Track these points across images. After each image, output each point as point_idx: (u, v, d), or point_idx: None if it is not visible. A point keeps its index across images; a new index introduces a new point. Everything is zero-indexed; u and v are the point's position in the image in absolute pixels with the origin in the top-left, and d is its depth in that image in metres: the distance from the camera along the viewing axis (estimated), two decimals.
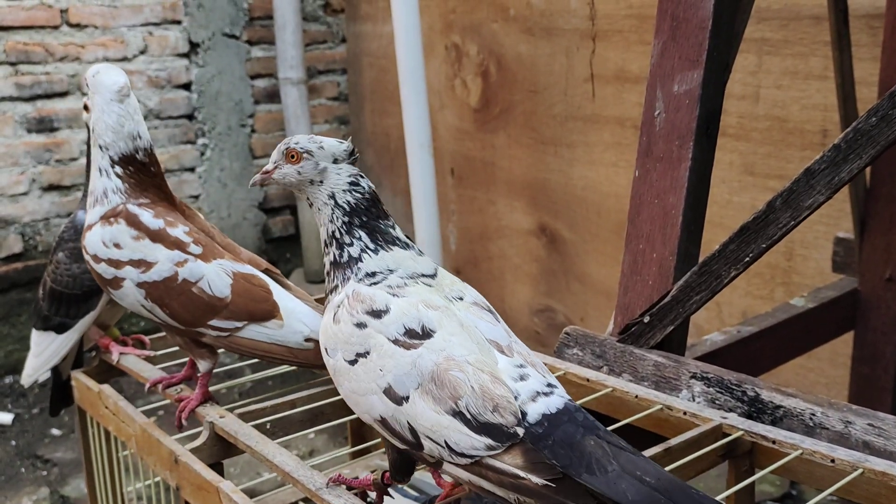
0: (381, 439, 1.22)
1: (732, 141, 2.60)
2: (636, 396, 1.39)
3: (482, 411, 0.98)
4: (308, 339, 1.43)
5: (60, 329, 1.74)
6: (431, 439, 1.00)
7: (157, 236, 1.46)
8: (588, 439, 0.95)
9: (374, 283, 1.10)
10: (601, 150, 3.06)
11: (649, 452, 1.17)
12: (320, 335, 1.14)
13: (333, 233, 1.14)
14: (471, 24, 3.54)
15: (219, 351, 1.53)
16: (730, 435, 1.24)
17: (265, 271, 1.52)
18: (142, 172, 1.51)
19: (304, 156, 1.15)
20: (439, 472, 1.08)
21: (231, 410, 1.46)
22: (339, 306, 1.10)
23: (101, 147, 1.50)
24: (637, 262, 1.59)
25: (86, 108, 1.56)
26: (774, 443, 1.22)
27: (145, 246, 1.45)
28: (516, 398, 0.99)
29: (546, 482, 0.93)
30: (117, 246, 1.46)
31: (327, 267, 1.15)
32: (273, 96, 4.24)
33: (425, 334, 1.04)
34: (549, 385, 1.02)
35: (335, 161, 1.15)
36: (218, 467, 1.40)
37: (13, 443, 3.19)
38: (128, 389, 2.90)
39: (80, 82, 3.72)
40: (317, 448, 2.96)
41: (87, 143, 1.55)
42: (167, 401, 1.60)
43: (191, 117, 4.05)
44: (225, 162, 4.18)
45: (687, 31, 1.55)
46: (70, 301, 1.71)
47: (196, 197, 4.12)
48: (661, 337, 1.52)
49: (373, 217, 1.14)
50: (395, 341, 1.04)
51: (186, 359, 1.62)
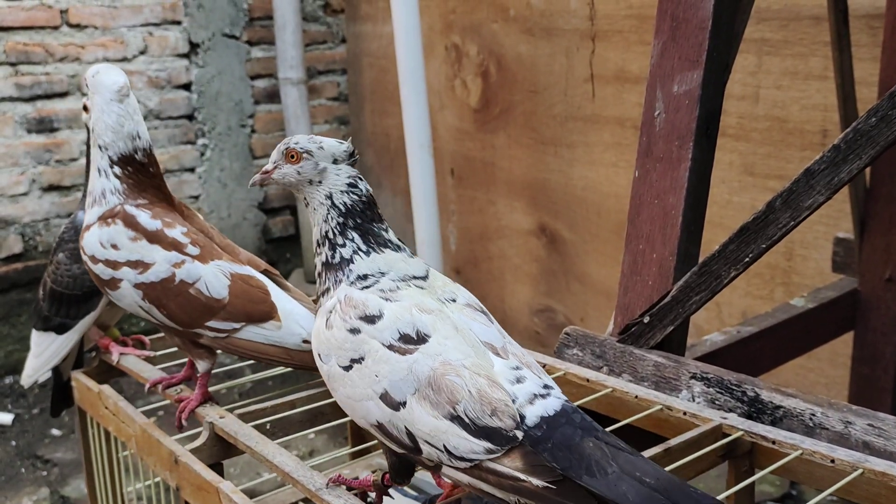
0: (360, 448, 1.22)
1: (732, 141, 2.60)
2: (636, 397, 1.39)
3: (480, 415, 0.98)
4: (306, 341, 1.43)
5: (61, 329, 1.74)
6: (430, 444, 1.00)
7: (154, 237, 1.46)
8: (587, 441, 0.95)
9: (366, 287, 1.10)
10: (601, 150, 3.06)
11: (649, 453, 1.17)
12: (313, 340, 1.13)
13: (327, 233, 1.13)
14: (471, 24, 3.53)
15: (218, 352, 1.53)
16: (730, 435, 1.24)
17: (264, 272, 1.52)
18: (141, 173, 1.51)
19: (304, 156, 1.14)
20: (438, 474, 1.08)
21: (231, 411, 1.46)
22: (331, 311, 1.09)
23: (100, 147, 1.49)
24: (637, 262, 1.59)
25: (85, 108, 1.56)
26: (774, 443, 1.22)
27: (142, 247, 1.45)
28: (514, 401, 0.99)
29: (546, 484, 0.93)
30: (115, 247, 1.46)
31: (318, 268, 1.15)
32: (273, 96, 4.24)
33: (420, 339, 1.04)
34: (546, 386, 1.02)
35: (335, 161, 1.15)
36: (218, 468, 1.40)
37: (13, 443, 3.19)
38: (128, 390, 2.90)
39: (80, 83, 3.72)
40: (317, 448, 2.96)
41: (86, 144, 1.55)
42: (167, 401, 1.60)
43: (191, 117, 4.05)
44: (225, 162, 4.18)
45: (687, 32, 1.55)
46: (70, 301, 1.71)
47: (196, 197, 4.12)
48: (661, 337, 1.52)
49: (367, 220, 1.14)
50: (391, 347, 1.04)
51: (186, 359, 1.62)
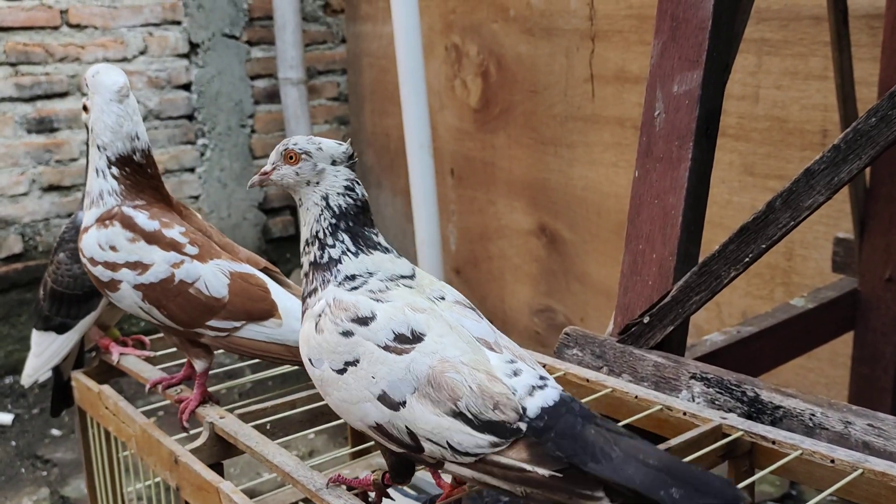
0: (375, 443, 1.22)
1: (732, 141, 2.60)
2: (636, 397, 1.39)
3: (483, 410, 0.98)
4: None
5: (61, 329, 1.74)
6: (432, 441, 1.00)
7: (152, 238, 1.45)
8: (588, 428, 0.96)
9: (355, 288, 1.09)
10: (601, 150, 3.06)
11: None
12: (301, 346, 1.12)
13: (317, 233, 1.13)
14: (471, 24, 3.54)
15: (218, 351, 1.53)
16: (730, 435, 1.24)
17: (263, 270, 1.52)
18: (138, 174, 1.51)
19: (303, 157, 1.14)
20: (440, 471, 1.09)
21: (231, 411, 1.47)
22: (320, 315, 1.09)
23: (98, 147, 1.49)
24: (637, 262, 1.59)
25: (85, 108, 1.56)
26: (774, 443, 1.22)
27: (141, 248, 1.45)
28: (514, 394, 1.00)
29: (553, 473, 0.95)
30: (113, 248, 1.46)
31: (306, 267, 1.14)
32: (273, 96, 4.24)
33: (416, 338, 1.04)
34: (542, 378, 1.03)
35: (333, 163, 1.15)
36: (218, 468, 1.40)
37: (13, 443, 3.19)
38: (128, 390, 2.90)
39: (80, 83, 3.72)
40: (317, 448, 2.96)
41: (86, 144, 1.55)
42: (167, 401, 1.60)
43: (191, 118, 4.05)
44: (225, 162, 4.18)
45: (687, 32, 1.55)
46: (71, 301, 1.71)
47: (196, 197, 4.12)
48: (661, 337, 1.52)
49: (359, 223, 1.14)
50: (386, 347, 1.04)
51: (186, 359, 1.62)
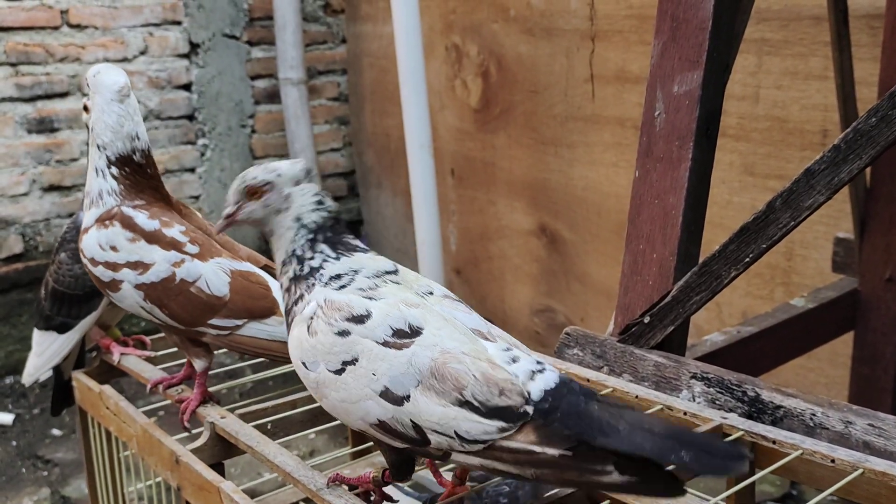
0: (374, 443, 1.22)
1: (732, 141, 2.60)
2: (636, 397, 1.39)
3: (489, 397, 0.99)
4: None
5: (62, 329, 1.74)
6: (439, 432, 1.01)
7: (152, 237, 1.46)
8: (592, 405, 0.98)
9: (343, 287, 1.09)
10: (601, 150, 3.06)
11: None
12: (292, 351, 1.10)
13: (294, 251, 1.12)
14: (471, 24, 3.54)
15: (219, 350, 1.53)
16: (730, 435, 1.24)
17: (264, 268, 1.52)
18: (138, 174, 1.51)
19: (266, 188, 1.13)
20: (447, 462, 1.09)
21: (232, 411, 1.47)
22: (311, 318, 1.07)
23: (98, 147, 1.49)
24: (637, 262, 1.59)
25: (86, 108, 1.56)
26: (775, 443, 1.22)
27: (141, 247, 1.45)
28: (517, 379, 1.01)
29: (563, 452, 0.96)
30: (114, 248, 1.46)
31: (286, 283, 1.13)
32: (273, 97, 4.24)
33: (414, 332, 1.04)
34: (538, 362, 1.05)
35: (297, 183, 1.14)
36: (219, 468, 1.40)
37: (14, 443, 3.20)
38: (128, 390, 2.90)
39: (80, 83, 3.72)
40: (317, 448, 2.96)
41: (87, 144, 1.56)
42: (168, 401, 1.60)
43: (191, 118, 4.06)
44: (225, 162, 4.18)
45: (687, 32, 1.55)
46: (72, 301, 1.71)
47: (196, 197, 4.12)
48: (662, 337, 1.52)
49: (336, 233, 1.14)
50: (385, 343, 1.03)
51: (186, 359, 1.62)
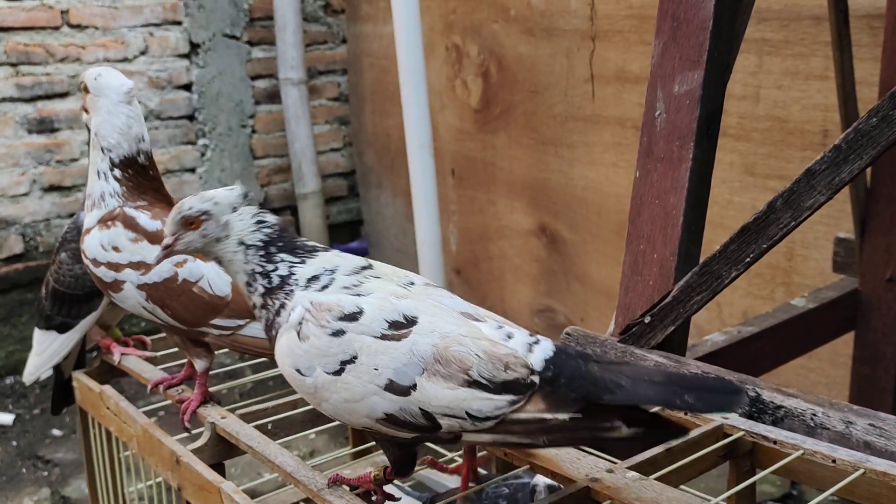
0: (375, 442, 1.22)
1: (733, 141, 2.60)
2: None
3: (496, 373, 1.01)
4: None
5: (62, 329, 1.74)
6: (449, 416, 1.01)
7: (154, 237, 1.45)
8: (592, 366, 1.01)
9: (325, 287, 1.08)
10: (601, 150, 3.06)
11: (650, 453, 1.17)
12: (283, 359, 1.08)
13: (254, 269, 1.12)
14: (471, 24, 3.54)
15: (219, 351, 1.53)
16: (731, 435, 1.24)
17: None
18: (141, 175, 1.51)
19: (203, 218, 1.13)
20: (457, 445, 1.10)
21: (232, 411, 1.47)
22: (300, 323, 1.06)
23: (103, 149, 1.49)
24: (638, 262, 1.59)
25: (85, 109, 1.56)
26: (775, 443, 1.22)
27: (143, 248, 1.45)
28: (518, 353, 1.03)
29: (572, 415, 0.99)
30: (116, 249, 1.46)
31: (259, 301, 1.11)
32: (273, 97, 4.24)
33: (410, 322, 1.04)
34: (531, 335, 1.06)
35: (234, 209, 1.14)
36: (219, 468, 1.40)
37: (14, 443, 3.20)
38: (129, 390, 2.90)
39: (78, 83, 3.72)
40: (318, 448, 2.96)
41: (88, 145, 1.56)
42: (168, 401, 1.60)
43: (191, 118, 4.06)
44: (225, 162, 4.18)
45: (688, 32, 1.55)
46: (72, 301, 1.71)
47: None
48: (662, 337, 1.52)
49: (287, 241, 1.13)
50: (383, 337, 1.03)
51: (187, 359, 1.62)
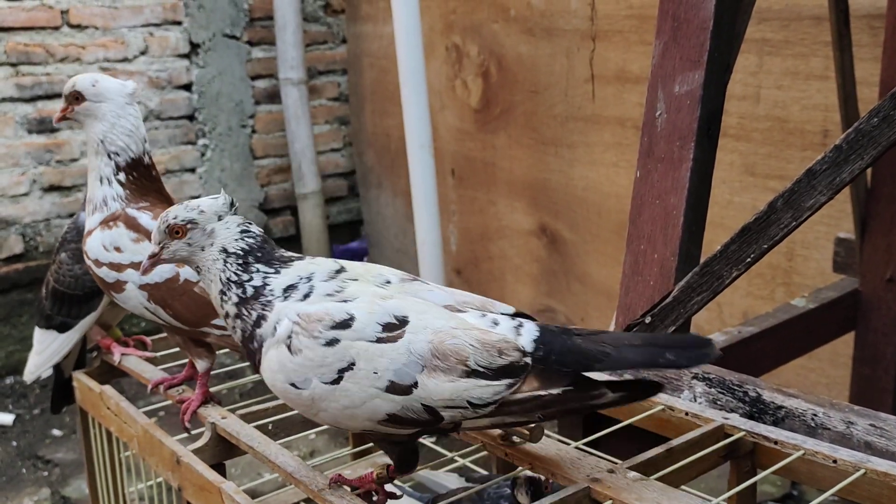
0: (373, 443, 1.22)
1: (733, 141, 2.60)
2: None
3: (492, 360, 1.04)
4: None
5: (62, 328, 1.74)
6: (451, 407, 1.04)
7: None
8: (575, 339, 1.06)
9: (307, 296, 1.08)
10: (602, 150, 3.06)
11: (651, 454, 1.17)
12: (274, 375, 1.07)
13: (229, 278, 1.11)
14: (471, 24, 3.54)
15: (220, 351, 1.53)
16: (731, 435, 1.24)
17: None
18: (145, 177, 1.52)
19: (189, 227, 1.14)
20: (457, 433, 1.14)
21: (233, 411, 1.47)
22: (289, 337, 1.06)
23: (109, 154, 1.49)
24: (638, 262, 1.59)
25: (64, 117, 1.53)
26: (776, 443, 1.22)
27: (145, 248, 1.45)
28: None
29: (565, 388, 1.04)
30: (118, 249, 1.46)
31: (234, 310, 1.10)
32: (273, 97, 4.24)
33: (402, 322, 1.05)
34: (514, 317, 1.11)
35: (220, 218, 1.15)
36: (220, 468, 1.40)
37: (14, 443, 3.19)
38: (129, 390, 2.90)
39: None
40: (318, 449, 2.96)
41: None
42: (168, 401, 1.60)
43: (191, 118, 4.06)
44: (225, 162, 4.18)
45: (688, 32, 1.55)
46: (72, 301, 1.71)
47: (197, 198, 4.12)
48: None
49: (266, 252, 1.13)
50: (379, 340, 1.04)
51: (187, 359, 1.62)
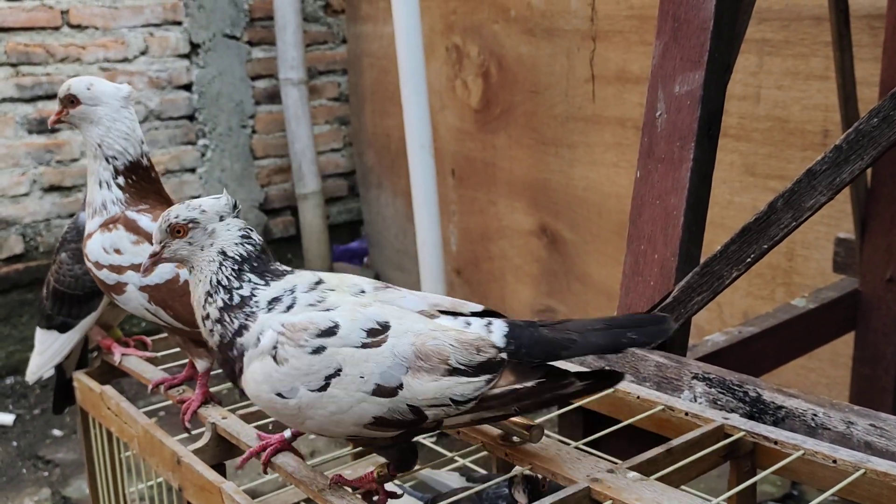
0: (369, 447, 1.23)
1: (733, 141, 2.60)
2: (638, 397, 1.39)
3: (471, 358, 1.07)
4: None
5: (63, 328, 1.74)
6: (435, 405, 1.07)
7: None
8: (542, 331, 1.11)
9: (290, 307, 1.09)
10: (602, 150, 3.06)
11: (651, 454, 1.17)
12: (259, 386, 1.09)
13: (220, 281, 1.12)
14: (471, 24, 3.54)
15: None
16: (732, 436, 1.24)
17: None
18: (144, 180, 1.51)
19: (190, 226, 1.14)
20: (439, 431, 1.15)
21: (233, 411, 1.47)
22: (274, 348, 1.07)
23: (107, 158, 1.49)
24: (638, 262, 1.59)
25: (60, 120, 1.53)
26: (776, 443, 1.22)
27: (145, 249, 1.45)
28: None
29: (538, 380, 1.08)
30: (118, 251, 1.46)
31: (216, 314, 1.11)
32: (274, 97, 4.24)
33: (384, 327, 1.08)
34: (482, 316, 1.14)
35: (221, 219, 1.15)
36: (220, 468, 1.40)
37: (14, 443, 3.20)
38: (129, 390, 2.90)
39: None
40: (318, 448, 2.96)
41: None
42: (169, 402, 1.60)
43: (191, 118, 4.06)
44: (226, 163, 4.18)
45: (688, 32, 1.55)
46: (72, 301, 1.71)
47: (197, 198, 4.12)
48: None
49: (263, 262, 1.14)
50: (364, 345, 1.07)
51: (188, 359, 1.62)
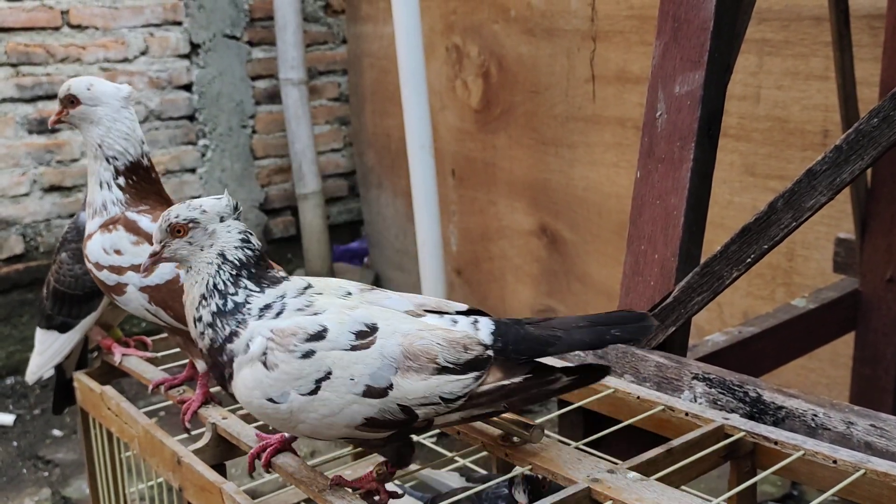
0: (365, 447, 1.23)
1: (733, 142, 2.60)
2: (638, 397, 1.39)
3: (459, 356, 1.09)
4: None
5: (63, 328, 1.74)
6: (425, 404, 1.08)
7: None
8: (527, 328, 1.13)
9: (280, 314, 1.10)
10: (602, 150, 3.06)
11: (651, 454, 1.17)
12: (250, 392, 1.09)
13: (216, 285, 1.12)
14: (471, 25, 3.54)
15: None
16: (732, 436, 1.24)
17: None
18: (144, 180, 1.51)
19: (191, 226, 1.15)
20: (440, 432, 1.16)
21: (233, 412, 1.47)
22: (263, 354, 1.07)
23: (108, 159, 1.49)
24: (639, 262, 1.59)
25: (60, 120, 1.53)
26: (776, 444, 1.22)
27: (145, 250, 1.44)
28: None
29: (525, 376, 1.11)
30: (118, 252, 1.46)
31: (209, 318, 1.11)
32: (274, 97, 4.24)
33: (372, 329, 1.09)
34: (469, 314, 1.16)
35: (222, 219, 1.15)
36: (220, 468, 1.40)
37: (15, 444, 3.20)
38: (129, 390, 2.90)
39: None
40: (318, 449, 2.96)
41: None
42: (169, 402, 1.60)
43: (192, 118, 4.06)
44: (226, 163, 4.18)
45: (688, 33, 1.55)
46: (72, 301, 1.72)
47: (197, 198, 4.12)
48: (663, 338, 1.53)
49: (261, 269, 1.14)
50: (353, 348, 1.07)
51: (188, 360, 1.62)
